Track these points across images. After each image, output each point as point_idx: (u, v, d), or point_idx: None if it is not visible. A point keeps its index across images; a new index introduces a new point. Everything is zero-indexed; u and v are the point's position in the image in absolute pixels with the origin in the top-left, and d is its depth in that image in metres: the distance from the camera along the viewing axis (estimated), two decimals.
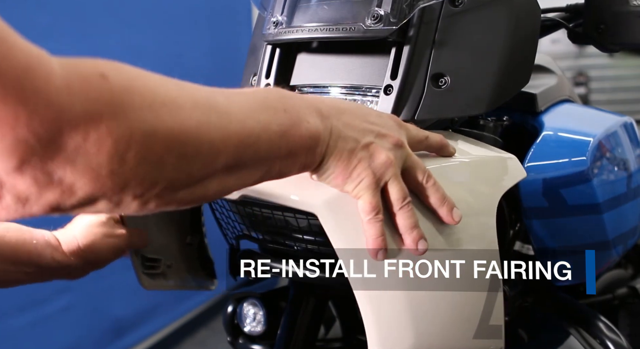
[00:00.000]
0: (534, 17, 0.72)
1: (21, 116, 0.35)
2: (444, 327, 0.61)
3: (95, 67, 0.39)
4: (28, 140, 0.35)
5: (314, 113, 0.53)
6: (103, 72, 0.39)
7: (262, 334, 0.95)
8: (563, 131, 0.84)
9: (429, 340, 0.61)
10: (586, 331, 0.89)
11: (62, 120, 0.36)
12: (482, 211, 0.63)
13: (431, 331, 0.61)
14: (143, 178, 0.40)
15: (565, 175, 0.80)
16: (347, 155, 0.55)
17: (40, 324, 1.87)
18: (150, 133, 0.40)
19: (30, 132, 0.35)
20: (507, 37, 0.68)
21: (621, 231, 0.90)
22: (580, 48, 3.55)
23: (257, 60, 0.85)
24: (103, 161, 0.38)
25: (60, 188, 0.37)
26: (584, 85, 3.75)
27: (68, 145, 0.36)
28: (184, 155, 0.42)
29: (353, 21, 0.72)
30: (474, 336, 0.62)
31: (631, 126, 0.97)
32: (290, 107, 0.51)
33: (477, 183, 0.65)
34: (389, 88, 0.71)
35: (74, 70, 0.38)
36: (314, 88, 0.79)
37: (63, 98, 0.36)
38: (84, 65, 0.39)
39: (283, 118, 0.50)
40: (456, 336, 0.62)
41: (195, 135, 0.43)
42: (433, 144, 0.64)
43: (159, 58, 2.44)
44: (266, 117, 0.49)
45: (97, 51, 2.09)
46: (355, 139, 0.56)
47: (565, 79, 1.06)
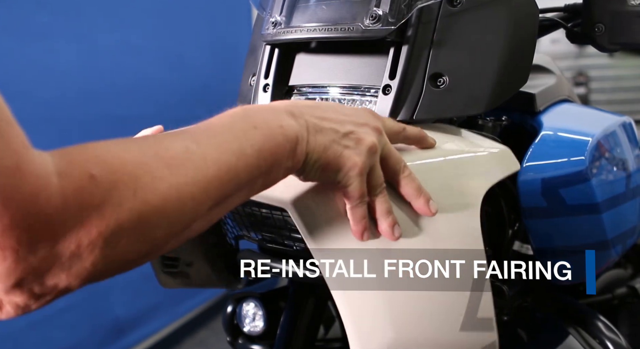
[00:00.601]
0: (533, 16, 0.72)
1: (23, 241, 0.36)
2: (425, 320, 0.60)
3: (85, 168, 0.40)
4: (26, 260, 0.37)
5: (285, 115, 0.54)
6: (92, 172, 0.40)
7: (262, 334, 0.95)
8: (562, 131, 0.84)
9: (410, 334, 0.60)
10: (586, 331, 0.89)
11: (58, 235, 0.38)
12: (465, 203, 0.62)
13: (412, 325, 0.60)
14: (136, 252, 0.43)
15: (564, 174, 0.80)
16: (330, 146, 0.55)
17: (40, 324, 1.87)
18: (137, 219, 0.42)
19: (29, 252, 0.37)
20: (506, 36, 0.68)
21: (620, 230, 0.90)
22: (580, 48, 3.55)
23: (256, 60, 0.85)
24: (96, 258, 0.40)
25: (56, 291, 0.40)
26: (583, 85, 3.74)
27: (63, 256, 0.38)
28: (170, 222, 0.45)
29: (351, 21, 0.72)
30: (460, 328, 0.61)
31: (630, 126, 0.97)
32: (259, 122, 0.52)
33: (461, 174, 0.64)
34: (387, 88, 0.71)
35: (66, 175, 0.39)
36: (313, 88, 0.79)
37: (59, 215, 0.38)
38: (75, 166, 0.40)
39: (255, 137, 0.51)
40: (440, 329, 0.61)
41: (177, 200, 0.44)
42: (411, 136, 0.64)
43: (159, 58, 2.44)
44: (238, 144, 0.49)
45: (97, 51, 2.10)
46: (335, 130, 0.56)
47: (564, 79, 1.06)
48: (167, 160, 0.45)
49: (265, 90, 0.81)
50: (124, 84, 2.26)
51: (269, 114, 0.53)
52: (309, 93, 0.80)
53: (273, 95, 0.81)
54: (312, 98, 0.79)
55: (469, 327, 0.61)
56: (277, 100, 0.81)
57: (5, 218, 0.35)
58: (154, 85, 2.40)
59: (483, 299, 0.61)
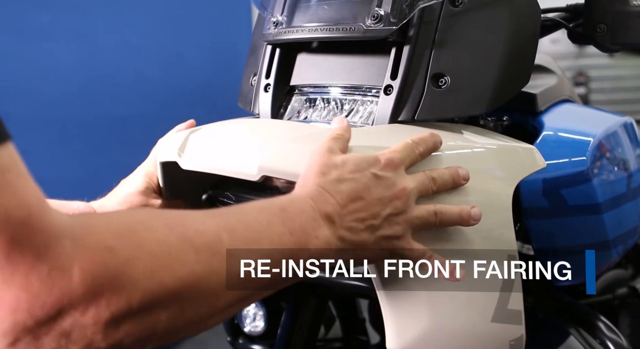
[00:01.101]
0: (534, 17, 0.72)
1: (22, 301, 0.35)
2: (459, 311, 0.62)
3: (103, 239, 0.38)
4: (25, 322, 0.35)
5: (323, 222, 0.52)
6: (111, 245, 0.38)
7: (262, 334, 0.95)
8: (563, 131, 0.84)
9: (445, 324, 0.61)
10: (586, 331, 0.89)
11: (64, 302, 0.36)
12: (498, 198, 0.64)
13: (446, 315, 0.61)
14: (137, 336, 0.40)
15: (565, 175, 0.80)
16: (366, 244, 0.55)
17: None
18: (148, 301, 0.40)
19: (30, 316, 0.35)
20: (507, 37, 0.68)
21: (621, 231, 0.90)
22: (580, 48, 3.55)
23: (257, 60, 0.85)
24: (98, 330, 0.38)
25: None
26: (584, 85, 3.75)
27: (65, 322, 0.37)
28: (181, 309, 0.42)
29: (353, 21, 0.71)
30: (492, 319, 0.63)
31: (631, 126, 0.97)
32: (296, 227, 0.51)
33: (494, 171, 0.65)
34: (389, 89, 0.71)
35: (82, 240, 0.37)
36: (314, 88, 0.79)
37: (67, 281, 0.36)
38: (94, 233, 0.38)
39: (288, 244, 0.50)
40: (472, 320, 0.62)
41: (196, 288, 0.43)
42: (446, 180, 0.61)
43: (159, 58, 2.44)
44: (270, 246, 0.49)
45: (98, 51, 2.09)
46: (372, 226, 0.55)
47: (565, 79, 1.06)
48: (196, 245, 0.43)
49: (267, 90, 0.81)
50: (124, 84, 2.26)
51: (307, 219, 0.52)
52: (310, 94, 0.80)
53: (274, 95, 0.80)
54: (313, 99, 0.79)
55: (499, 319, 0.63)
56: (278, 100, 0.81)
57: (6, 272, 0.34)
58: (154, 85, 2.40)
59: (513, 293, 0.63)
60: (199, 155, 0.73)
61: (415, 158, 0.60)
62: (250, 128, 0.76)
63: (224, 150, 0.70)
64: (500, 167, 0.66)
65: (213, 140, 0.74)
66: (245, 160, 0.66)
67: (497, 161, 0.66)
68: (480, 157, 0.65)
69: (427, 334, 0.61)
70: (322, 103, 0.78)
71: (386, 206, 0.55)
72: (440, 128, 0.70)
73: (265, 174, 0.64)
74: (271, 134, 0.71)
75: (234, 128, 0.77)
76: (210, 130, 0.78)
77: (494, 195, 0.64)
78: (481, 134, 0.72)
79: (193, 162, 0.73)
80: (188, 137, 0.77)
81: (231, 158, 0.69)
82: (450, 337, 0.62)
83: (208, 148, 0.73)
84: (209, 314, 0.45)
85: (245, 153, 0.67)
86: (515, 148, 0.69)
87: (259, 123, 0.78)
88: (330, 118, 0.77)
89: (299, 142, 0.66)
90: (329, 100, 0.78)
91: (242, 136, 0.73)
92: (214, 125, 0.80)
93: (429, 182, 0.59)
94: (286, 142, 0.66)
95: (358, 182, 0.55)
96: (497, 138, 0.72)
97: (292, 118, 0.80)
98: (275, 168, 0.63)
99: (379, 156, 0.57)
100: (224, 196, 0.80)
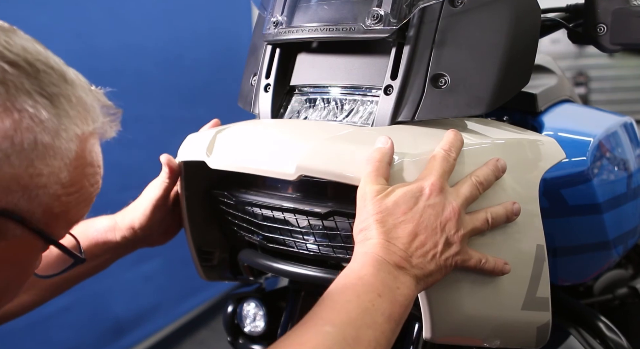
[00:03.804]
0: (534, 17, 0.72)
1: None
2: (492, 300, 0.64)
3: None
4: None
5: (397, 272, 0.57)
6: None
7: (262, 334, 0.94)
8: (563, 131, 0.84)
9: (479, 312, 0.63)
10: (586, 331, 0.89)
11: None
12: (526, 190, 0.65)
13: (481, 304, 0.63)
14: None
15: (565, 175, 0.80)
16: (436, 274, 0.60)
17: (40, 324, 1.87)
18: None
19: None
20: (508, 37, 0.68)
21: (621, 231, 0.90)
22: (580, 48, 3.54)
23: (257, 60, 0.85)
24: None
25: None
26: (584, 85, 3.74)
27: None
28: None
29: (353, 21, 0.71)
30: (522, 307, 0.65)
31: (631, 126, 0.97)
32: (380, 288, 0.55)
33: (521, 163, 0.66)
34: (389, 89, 0.70)
35: None
36: (314, 88, 0.79)
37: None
38: None
39: (382, 305, 0.55)
40: (505, 308, 0.64)
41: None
42: (489, 177, 0.64)
43: (159, 58, 2.44)
44: (370, 316, 0.54)
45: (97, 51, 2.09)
46: (434, 255, 0.59)
47: (566, 79, 1.06)
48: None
49: (267, 90, 0.81)
50: (124, 84, 2.26)
51: (386, 276, 0.56)
52: (310, 94, 0.80)
53: (274, 95, 0.80)
54: (314, 99, 0.79)
55: (529, 307, 0.65)
56: (278, 100, 0.81)
57: None
58: (154, 85, 2.40)
59: (542, 281, 0.65)
60: (228, 155, 0.74)
61: (452, 165, 0.62)
62: (280, 127, 0.77)
63: (256, 150, 0.71)
64: (526, 159, 0.67)
65: (243, 139, 0.75)
66: (281, 159, 0.67)
67: (523, 153, 0.68)
68: (507, 149, 0.66)
69: (462, 324, 0.63)
70: (322, 103, 0.78)
71: (442, 232, 0.59)
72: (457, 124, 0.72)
73: (304, 173, 0.65)
74: (304, 133, 0.71)
75: (262, 128, 0.77)
76: (238, 129, 0.78)
77: (522, 187, 0.65)
78: (500, 127, 0.73)
79: (222, 162, 0.73)
80: (215, 136, 0.77)
81: (265, 157, 0.69)
82: (483, 326, 0.64)
83: (238, 147, 0.73)
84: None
85: (281, 153, 0.67)
86: (538, 140, 0.70)
87: (287, 123, 0.78)
88: (330, 118, 0.77)
89: (336, 141, 0.66)
90: (329, 100, 0.78)
91: (274, 135, 0.73)
92: (239, 125, 0.80)
93: (476, 189, 0.62)
94: (323, 141, 0.66)
95: (412, 221, 0.59)
96: (516, 131, 0.72)
97: (292, 118, 0.80)
98: (314, 167, 0.64)
99: (423, 185, 0.60)
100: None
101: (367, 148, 0.63)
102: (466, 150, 0.64)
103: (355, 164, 0.62)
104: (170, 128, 2.17)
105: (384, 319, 0.53)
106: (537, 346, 0.68)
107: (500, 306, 0.64)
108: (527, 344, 0.68)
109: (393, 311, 0.54)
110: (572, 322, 0.90)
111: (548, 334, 0.68)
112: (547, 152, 0.69)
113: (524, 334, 0.67)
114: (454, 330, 0.63)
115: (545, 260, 0.65)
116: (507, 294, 0.64)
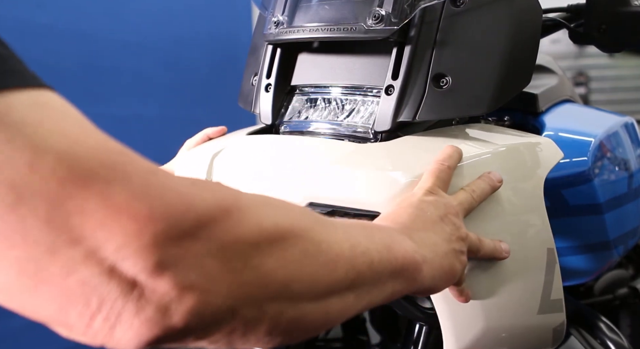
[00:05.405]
0: (536, 17, 0.72)
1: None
2: (510, 309, 0.64)
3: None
4: (168, 232, 0.33)
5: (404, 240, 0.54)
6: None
7: None
8: (564, 131, 0.84)
9: (499, 322, 0.64)
10: (586, 331, 0.89)
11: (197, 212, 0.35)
12: (531, 195, 0.65)
13: (499, 314, 0.63)
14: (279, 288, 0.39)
15: (566, 175, 0.80)
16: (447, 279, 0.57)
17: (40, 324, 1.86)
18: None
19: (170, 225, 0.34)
20: (509, 37, 0.68)
21: (622, 231, 0.90)
22: (580, 48, 3.54)
23: (257, 60, 0.85)
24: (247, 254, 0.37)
25: (200, 289, 0.35)
26: (584, 85, 3.74)
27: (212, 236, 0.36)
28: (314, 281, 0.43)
29: (354, 21, 0.71)
30: (538, 312, 0.65)
31: (632, 126, 0.97)
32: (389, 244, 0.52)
33: (522, 169, 0.67)
34: (390, 89, 0.70)
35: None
36: (315, 88, 0.79)
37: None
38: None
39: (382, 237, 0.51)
40: (522, 314, 0.65)
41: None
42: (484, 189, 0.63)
43: (158, 58, 2.44)
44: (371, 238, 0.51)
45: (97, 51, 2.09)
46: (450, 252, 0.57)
47: (566, 79, 1.06)
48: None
49: (267, 90, 0.81)
50: (124, 84, 2.26)
51: (390, 230, 0.54)
52: (311, 94, 0.80)
53: (275, 95, 0.80)
54: (314, 99, 0.79)
55: (544, 310, 0.66)
56: (279, 100, 0.81)
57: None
58: (154, 85, 2.40)
59: (554, 283, 0.66)
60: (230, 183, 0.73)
61: (447, 174, 0.62)
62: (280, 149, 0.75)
63: (258, 179, 0.70)
64: (526, 164, 0.68)
65: (241, 166, 0.74)
66: (286, 190, 0.67)
67: (523, 158, 0.68)
68: (506, 157, 0.66)
69: (483, 335, 0.64)
70: (323, 103, 0.78)
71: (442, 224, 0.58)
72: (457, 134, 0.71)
73: (312, 201, 0.65)
74: (308, 157, 0.70)
75: (257, 149, 0.76)
76: (233, 152, 0.77)
77: (527, 192, 0.65)
78: (497, 132, 0.73)
79: None
80: (212, 161, 0.76)
81: (267, 187, 0.68)
82: (501, 334, 0.65)
83: (237, 177, 0.72)
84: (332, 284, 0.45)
85: (286, 182, 0.67)
86: (536, 143, 0.70)
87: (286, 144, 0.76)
88: (331, 118, 0.77)
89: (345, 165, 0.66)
90: (330, 100, 0.77)
91: (276, 160, 0.72)
92: (235, 146, 0.79)
93: (471, 197, 0.61)
94: (328, 167, 0.66)
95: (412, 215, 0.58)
96: (514, 135, 0.72)
97: (292, 118, 0.80)
98: (323, 196, 0.64)
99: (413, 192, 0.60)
100: None
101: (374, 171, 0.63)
102: (465, 164, 0.64)
103: (366, 189, 0.63)
104: (170, 128, 2.17)
105: (382, 245, 0.49)
106: (553, 345, 0.69)
107: (518, 314, 0.64)
108: (544, 345, 0.69)
109: (392, 246, 0.51)
110: (572, 322, 0.90)
111: (564, 333, 0.69)
112: (545, 155, 0.69)
113: (541, 336, 0.68)
114: (475, 342, 0.64)
115: (557, 263, 0.65)
116: (523, 302, 0.64)
